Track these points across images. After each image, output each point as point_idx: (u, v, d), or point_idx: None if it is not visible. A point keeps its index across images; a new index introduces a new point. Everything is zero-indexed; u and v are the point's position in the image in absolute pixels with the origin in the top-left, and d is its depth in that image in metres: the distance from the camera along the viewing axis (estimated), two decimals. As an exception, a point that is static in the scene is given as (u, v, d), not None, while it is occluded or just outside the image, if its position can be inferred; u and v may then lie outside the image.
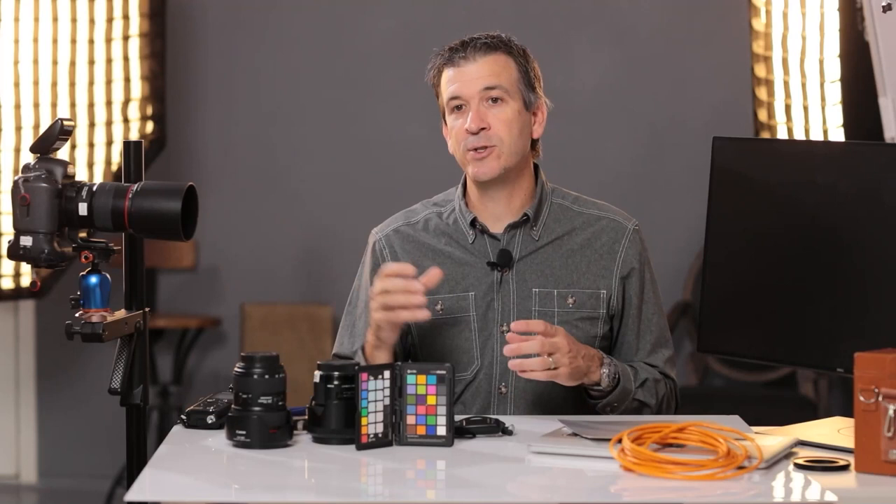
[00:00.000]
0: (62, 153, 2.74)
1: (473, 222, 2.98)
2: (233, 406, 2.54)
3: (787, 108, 5.55)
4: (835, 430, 2.70)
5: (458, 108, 2.93)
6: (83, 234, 2.70)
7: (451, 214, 3.02)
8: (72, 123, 2.68)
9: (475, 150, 2.91)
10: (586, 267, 2.97)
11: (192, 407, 2.70)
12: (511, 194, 2.98)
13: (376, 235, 3.06)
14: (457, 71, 2.94)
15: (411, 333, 2.99)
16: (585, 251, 2.98)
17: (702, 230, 2.97)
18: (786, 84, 5.54)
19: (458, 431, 2.60)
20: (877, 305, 2.66)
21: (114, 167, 5.92)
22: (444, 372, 2.57)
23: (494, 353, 2.94)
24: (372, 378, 2.53)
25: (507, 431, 2.66)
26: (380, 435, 2.54)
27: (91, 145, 5.89)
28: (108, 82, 5.89)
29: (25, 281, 5.78)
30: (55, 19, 5.80)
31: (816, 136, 5.42)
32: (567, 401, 2.93)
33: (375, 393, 2.53)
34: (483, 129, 2.90)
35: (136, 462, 2.77)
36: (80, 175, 5.15)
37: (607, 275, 2.98)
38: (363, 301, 3.01)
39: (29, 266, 2.74)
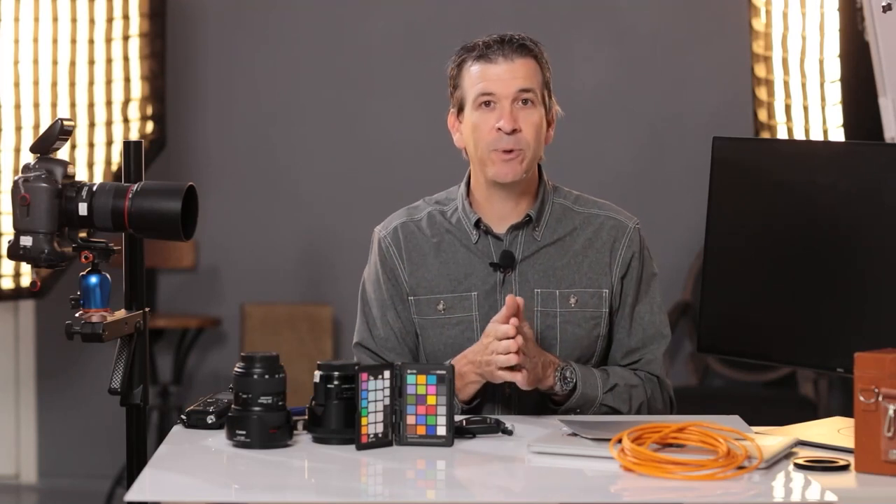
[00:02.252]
0: (62, 153, 2.74)
1: (478, 223, 2.98)
2: (233, 406, 2.54)
3: (787, 108, 5.54)
4: (835, 430, 2.70)
5: (487, 104, 2.92)
6: (83, 234, 2.70)
7: (454, 213, 3.01)
8: (72, 123, 2.68)
9: (503, 151, 2.91)
10: (588, 267, 2.97)
11: (192, 407, 2.70)
12: (520, 196, 2.97)
13: (381, 233, 3.05)
14: (491, 67, 2.92)
15: (417, 333, 2.99)
16: (587, 251, 2.98)
17: (702, 230, 2.96)
18: (786, 84, 5.53)
19: (458, 431, 2.60)
20: (877, 305, 2.66)
21: (114, 167, 5.91)
22: (444, 372, 2.57)
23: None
24: (372, 378, 2.53)
25: (507, 431, 2.66)
26: (380, 435, 2.54)
27: (91, 145, 5.89)
28: (108, 82, 5.88)
29: (25, 281, 5.78)
30: (55, 19, 5.79)
31: (816, 136, 5.41)
32: (569, 401, 2.93)
33: (375, 393, 2.53)
34: (516, 130, 2.90)
35: (136, 462, 2.77)
36: (80, 175, 5.15)
37: (608, 273, 2.98)
38: (372, 297, 3.01)
39: (29, 266, 2.74)
